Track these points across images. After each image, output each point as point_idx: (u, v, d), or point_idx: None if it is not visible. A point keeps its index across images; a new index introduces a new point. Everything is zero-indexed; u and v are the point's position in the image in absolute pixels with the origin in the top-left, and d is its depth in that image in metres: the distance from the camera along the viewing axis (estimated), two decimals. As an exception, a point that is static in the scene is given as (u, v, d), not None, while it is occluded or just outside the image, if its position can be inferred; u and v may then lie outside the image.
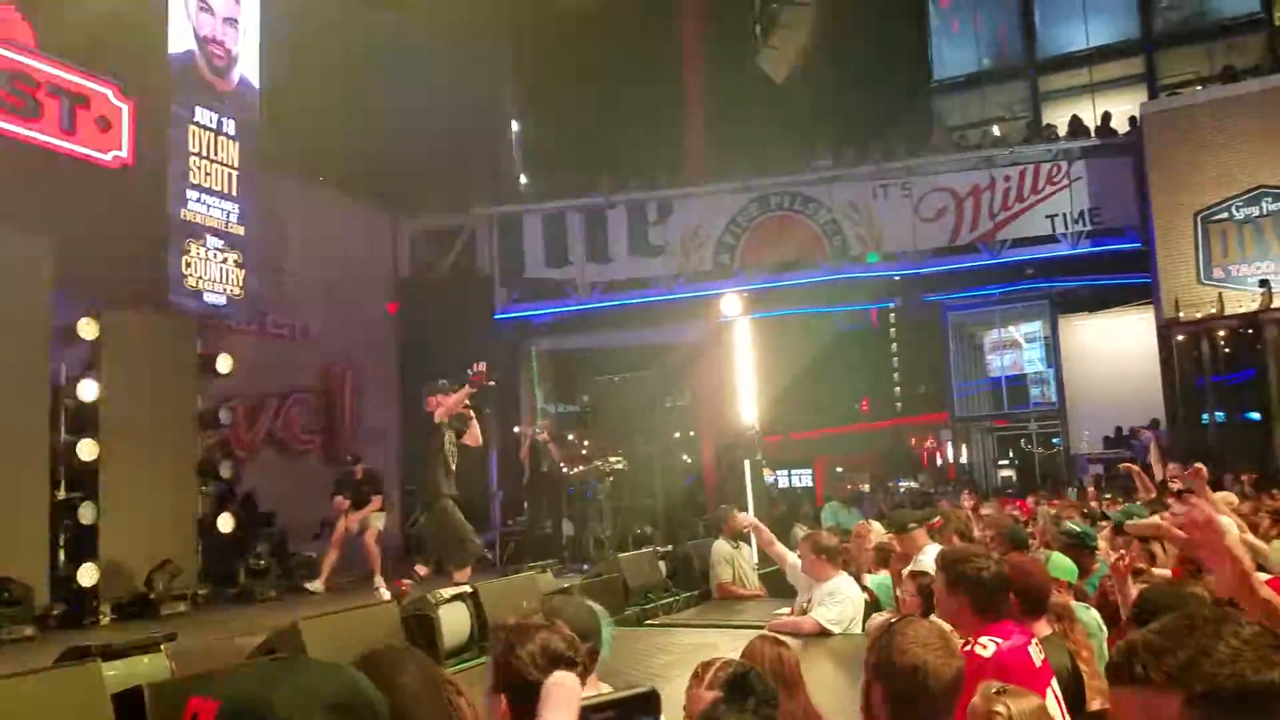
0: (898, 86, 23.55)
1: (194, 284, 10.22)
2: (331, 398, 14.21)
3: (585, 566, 9.77)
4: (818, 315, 18.94)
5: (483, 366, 7.30)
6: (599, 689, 2.85)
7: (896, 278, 16.88)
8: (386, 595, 8.11)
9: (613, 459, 10.95)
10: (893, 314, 20.12)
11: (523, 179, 19.18)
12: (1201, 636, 1.19)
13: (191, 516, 9.72)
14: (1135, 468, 7.65)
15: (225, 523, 9.92)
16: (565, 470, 12.05)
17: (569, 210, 16.99)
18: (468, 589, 6.10)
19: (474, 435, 7.79)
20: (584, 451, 16.45)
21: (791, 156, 17.57)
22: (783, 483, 23.20)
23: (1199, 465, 5.25)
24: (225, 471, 10.22)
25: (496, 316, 16.64)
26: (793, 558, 6.13)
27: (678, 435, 20.95)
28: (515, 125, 19.31)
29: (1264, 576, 3.69)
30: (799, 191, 16.62)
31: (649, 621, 7.41)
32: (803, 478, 24.23)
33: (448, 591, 5.98)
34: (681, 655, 5.21)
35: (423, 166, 15.56)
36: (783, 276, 16.67)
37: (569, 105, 18.54)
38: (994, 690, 2.26)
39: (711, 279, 16.26)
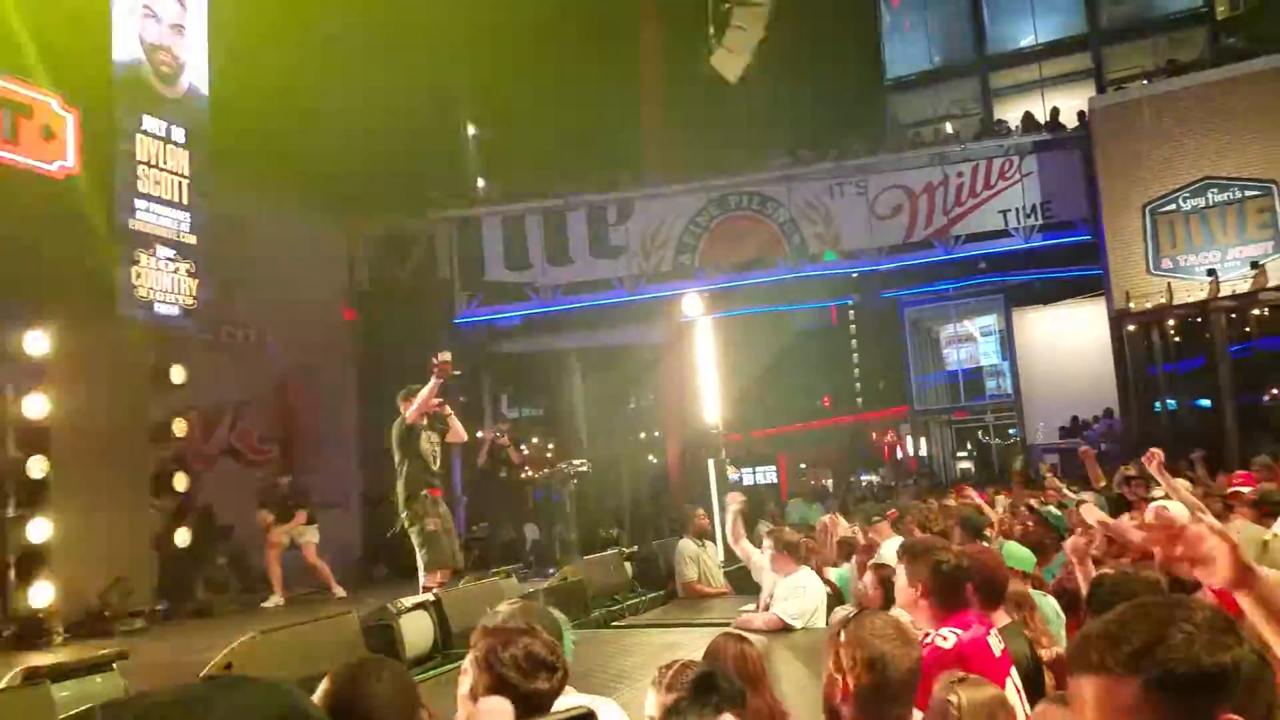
0: (852, 86, 23.84)
1: (145, 295, 10.02)
2: (289, 407, 14.01)
3: (551, 570, 9.74)
4: (778, 314, 19.11)
5: (446, 356, 7.12)
6: (566, 695, 2.85)
7: (854, 275, 17.06)
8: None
9: (577, 461, 10.92)
10: (851, 311, 20.38)
11: (480, 182, 19.09)
12: (1156, 622, 1.22)
13: (147, 531, 9.53)
14: (1091, 452, 7.75)
15: (181, 537, 9.74)
16: (530, 474, 12.01)
17: (528, 213, 16.94)
18: (430, 597, 6.04)
19: (457, 431, 7.59)
20: (549, 454, 16.43)
21: (749, 157, 17.69)
22: (747, 480, 23.33)
23: (1154, 450, 5.34)
24: (181, 484, 10.02)
25: (458, 321, 16.55)
26: (758, 554, 6.16)
27: (643, 436, 21.00)
28: (472, 128, 19.22)
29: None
30: (757, 191, 16.72)
31: (615, 624, 7.39)
32: (767, 474, 24.40)
33: (409, 600, 5.91)
34: (647, 656, 5.21)
35: (379, 171, 15.41)
36: (743, 276, 16.77)
37: (526, 107, 18.51)
38: (951, 680, 2.29)
39: (672, 279, 16.30)
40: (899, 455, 22.29)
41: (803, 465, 23.03)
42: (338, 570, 10.53)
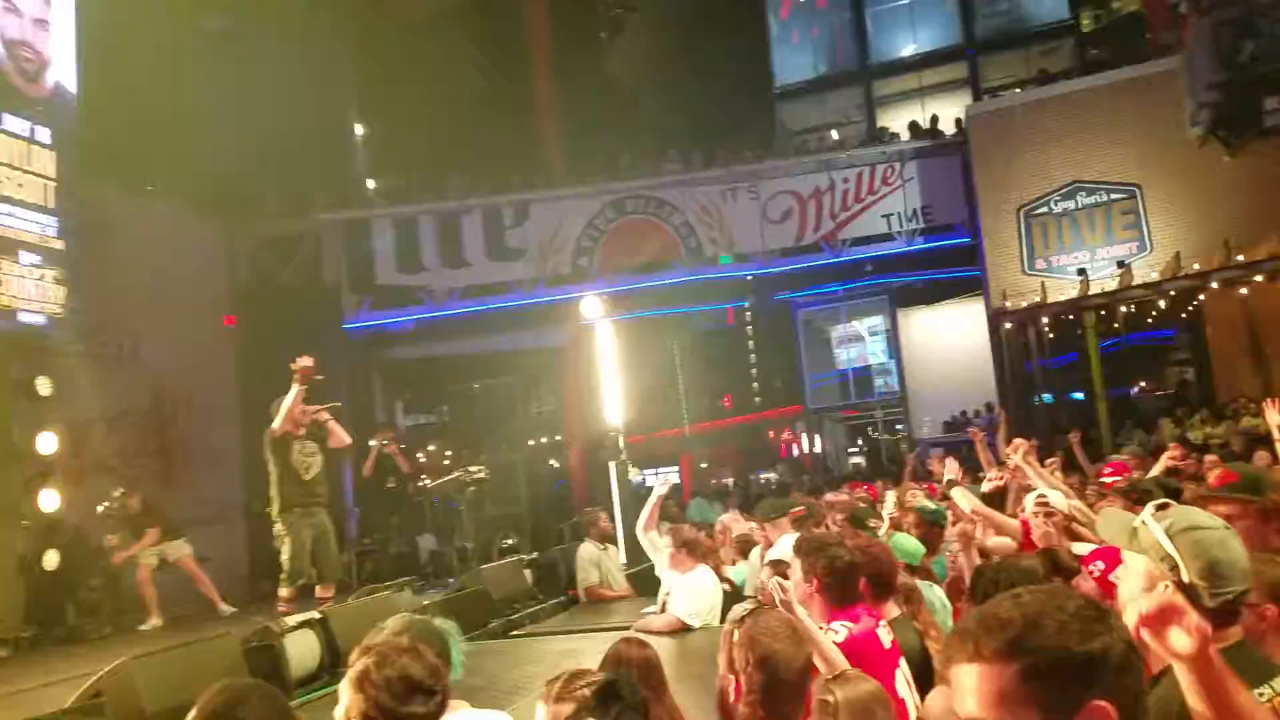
0: (743, 93, 24.26)
1: (7, 303, 9.43)
2: (166, 419, 13.38)
3: (450, 581, 9.55)
4: (677, 316, 19.27)
5: (306, 361, 6.94)
6: (457, 711, 2.77)
7: (749, 277, 17.36)
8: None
9: (474, 468, 10.70)
10: (748, 312, 20.68)
11: (370, 183, 18.62)
12: (1030, 611, 1.26)
13: (12, 553, 8.96)
14: (979, 433, 7.99)
15: (50, 559, 9.18)
16: (426, 482, 11.73)
17: (421, 214, 16.60)
18: (316, 615, 5.83)
19: (339, 437, 7.44)
20: (446, 462, 16.10)
21: (645, 161, 17.79)
22: (650, 481, 23.41)
23: (1019, 440, 5.63)
24: (49, 503, 9.45)
25: (346, 326, 16.06)
26: (664, 544, 6.15)
27: (544, 440, 20.83)
28: (359, 128, 18.73)
29: (1087, 548, 3.97)
30: (653, 195, 16.83)
31: (515, 633, 7.30)
32: (670, 475, 24.57)
33: (294, 619, 5.69)
34: (547, 665, 5.15)
35: (259, 171, 14.88)
36: (641, 278, 16.86)
37: (416, 106, 18.12)
38: (827, 678, 2.33)
39: (571, 282, 16.26)
40: (795, 452, 22.74)
41: (704, 465, 23.25)
42: (223, 587, 10.10)
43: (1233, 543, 1.93)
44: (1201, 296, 14.55)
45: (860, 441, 22.42)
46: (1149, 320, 15.99)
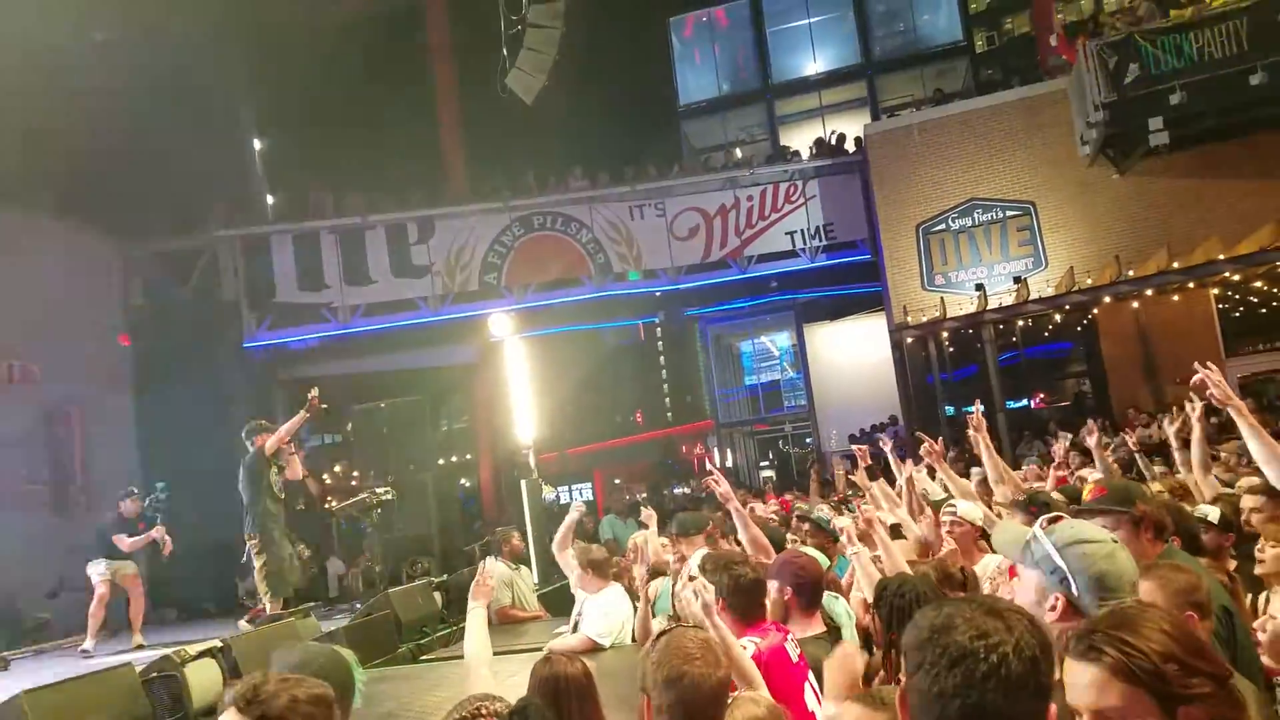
0: (648, 111, 24.49)
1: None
2: (59, 443, 12.73)
3: (358, 605, 9.29)
4: (588, 332, 19.24)
5: (315, 391, 7.55)
6: None
7: (658, 294, 17.47)
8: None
9: (380, 490, 10.48)
10: (658, 328, 20.80)
11: (270, 199, 18.10)
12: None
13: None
14: (888, 443, 8.16)
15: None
16: (331, 504, 11.43)
17: (323, 230, 16.22)
18: (218, 643, 5.62)
19: (294, 469, 7.82)
20: (353, 483, 15.70)
21: (551, 178, 17.76)
22: (564, 498, 23.24)
23: (929, 445, 5.75)
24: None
25: (246, 345, 15.56)
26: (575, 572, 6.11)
27: (455, 459, 20.49)
28: (258, 143, 18.22)
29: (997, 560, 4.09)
30: (560, 212, 16.81)
31: (424, 657, 7.13)
32: (583, 492, 24.42)
33: (195, 648, 5.48)
34: (456, 690, 5.04)
35: (154, 187, 14.30)
36: (550, 295, 16.81)
37: (317, 123, 17.73)
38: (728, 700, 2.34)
39: (479, 299, 16.11)
40: (707, 467, 22.91)
41: (617, 481, 23.23)
42: (121, 615, 9.57)
43: (1120, 555, 1.99)
44: (1095, 311, 15.09)
45: (771, 455, 22.76)
46: (1045, 334, 16.56)
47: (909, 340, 15.44)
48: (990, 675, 1.32)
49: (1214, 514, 3.98)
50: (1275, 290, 14.68)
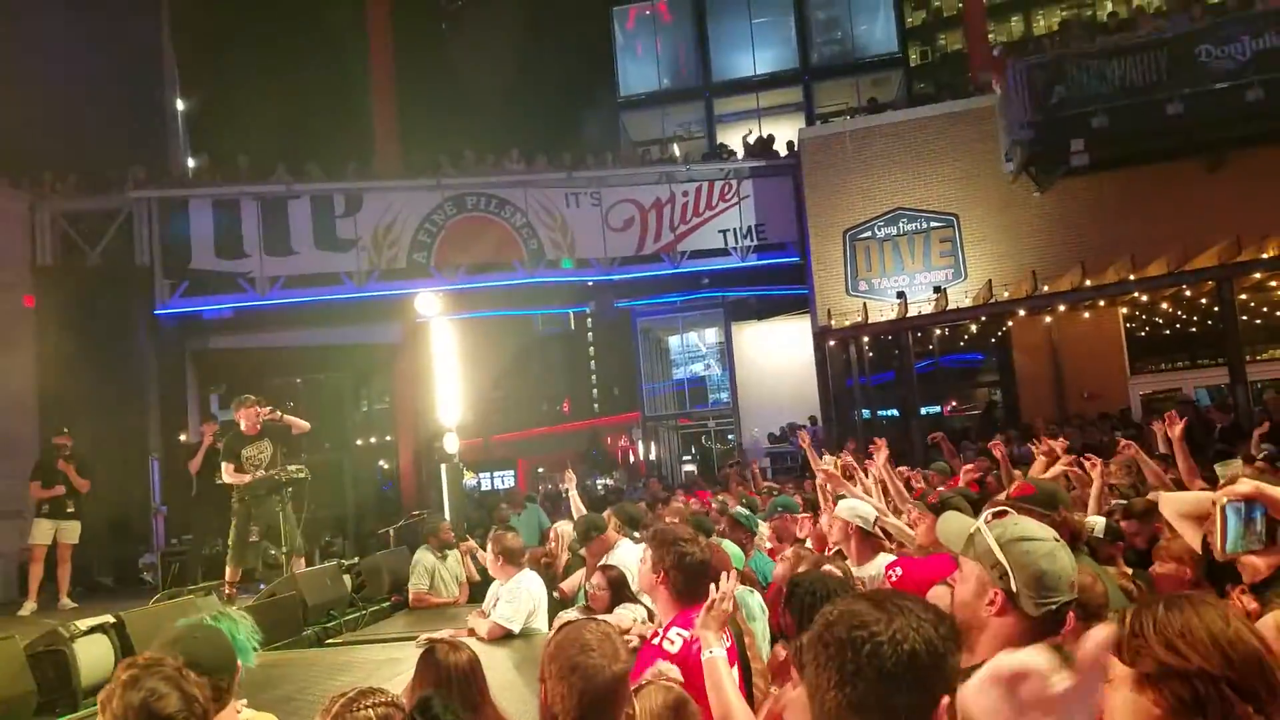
0: (588, 99, 24.41)
1: None
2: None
3: (262, 586, 9.05)
4: (517, 318, 19.08)
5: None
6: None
7: (590, 283, 17.39)
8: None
9: (293, 468, 10.19)
10: (589, 318, 20.77)
11: (191, 161, 17.45)
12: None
13: None
14: (806, 438, 8.27)
15: None
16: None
17: (244, 197, 15.65)
18: (110, 619, 5.41)
19: (299, 425, 8.76)
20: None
21: (486, 158, 17.52)
22: (485, 485, 23.02)
23: (878, 443, 5.90)
24: None
25: (158, 311, 14.97)
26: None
27: (374, 440, 20.12)
28: (180, 103, 17.55)
29: (889, 557, 4.17)
30: (494, 193, 16.57)
31: (330, 640, 6.99)
32: (505, 479, 24.22)
33: (85, 623, 5.27)
34: (361, 674, 4.96)
35: (67, 144, 13.68)
36: (480, 277, 16.58)
37: (243, 85, 17.19)
38: (638, 685, 2.33)
39: (407, 277, 15.78)
40: (631, 459, 23.01)
41: (541, 469, 23.14)
42: (13, 586, 9.20)
43: (1061, 555, 2.01)
44: (1010, 323, 15.56)
45: (694, 449, 22.95)
46: (961, 344, 17.06)
47: (831, 343, 15.68)
48: (863, 669, 1.33)
49: (1100, 526, 4.42)
50: (1178, 313, 15.37)
